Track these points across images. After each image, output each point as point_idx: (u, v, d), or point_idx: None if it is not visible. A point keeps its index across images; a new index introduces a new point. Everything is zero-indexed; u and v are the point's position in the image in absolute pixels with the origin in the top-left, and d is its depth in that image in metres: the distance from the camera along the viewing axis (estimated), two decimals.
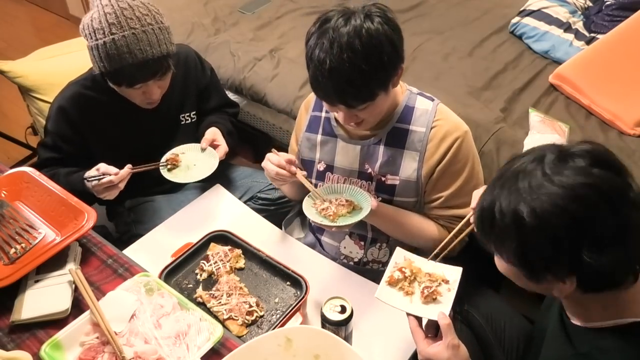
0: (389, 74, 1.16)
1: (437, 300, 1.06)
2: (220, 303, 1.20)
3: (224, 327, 1.11)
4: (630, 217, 0.78)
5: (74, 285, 1.12)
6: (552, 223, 0.77)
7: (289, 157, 1.30)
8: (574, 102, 1.96)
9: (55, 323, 1.07)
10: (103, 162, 1.43)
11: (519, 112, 1.90)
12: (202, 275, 1.28)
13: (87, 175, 1.42)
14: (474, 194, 1.07)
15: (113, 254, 1.23)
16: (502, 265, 0.91)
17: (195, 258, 1.32)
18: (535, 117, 1.83)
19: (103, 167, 1.40)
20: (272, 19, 2.40)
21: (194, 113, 1.67)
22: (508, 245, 0.84)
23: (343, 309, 1.10)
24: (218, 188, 1.61)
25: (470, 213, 1.07)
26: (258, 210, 1.57)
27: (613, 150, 1.90)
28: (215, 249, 1.32)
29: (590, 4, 2.37)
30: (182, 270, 1.29)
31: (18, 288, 1.12)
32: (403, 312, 1.05)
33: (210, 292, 1.23)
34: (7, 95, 2.86)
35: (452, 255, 1.20)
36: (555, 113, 1.90)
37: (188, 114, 1.65)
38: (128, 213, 1.68)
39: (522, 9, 2.32)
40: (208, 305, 1.21)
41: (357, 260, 1.46)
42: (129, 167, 1.42)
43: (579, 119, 1.89)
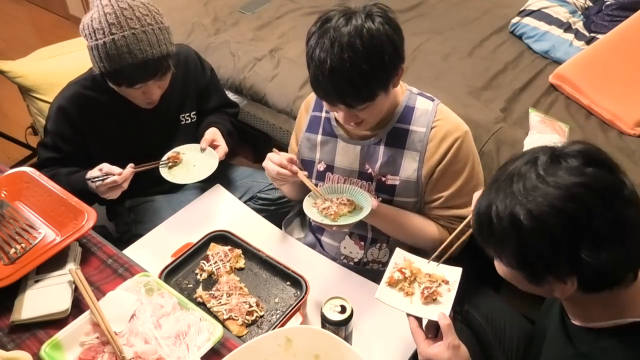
0: (390, 74, 1.16)
1: (437, 301, 1.06)
2: (220, 303, 1.20)
3: (224, 327, 1.11)
4: (626, 214, 0.78)
5: (74, 285, 1.12)
6: (549, 224, 0.77)
7: (290, 156, 1.30)
8: (574, 102, 1.96)
9: (55, 323, 1.07)
10: (103, 162, 1.43)
11: (519, 112, 1.90)
12: (202, 275, 1.28)
13: (90, 176, 1.42)
14: (475, 196, 1.07)
15: (113, 254, 1.23)
16: (502, 269, 0.91)
17: (195, 258, 1.32)
18: (535, 117, 1.83)
19: (106, 167, 1.40)
20: (272, 19, 2.40)
21: (194, 113, 1.67)
22: (507, 249, 0.84)
23: (343, 309, 1.10)
24: (218, 188, 1.61)
25: (471, 214, 1.07)
26: (258, 210, 1.57)
27: (613, 150, 1.91)
28: (215, 249, 1.32)
29: (590, 4, 2.37)
30: (182, 270, 1.29)
31: (18, 288, 1.12)
32: (403, 312, 1.05)
33: (210, 292, 1.23)
34: (7, 95, 2.86)
35: (452, 256, 1.20)
36: (555, 113, 1.90)
37: (188, 114, 1.65)
38: (128, 213, 1.68)
39: (522, 9, 2.32)
40: (208, 305, 1.21)
41: (357, 261, 1.46)
42: (132, 166, 1.42)
43: (579, 119, 1.89)
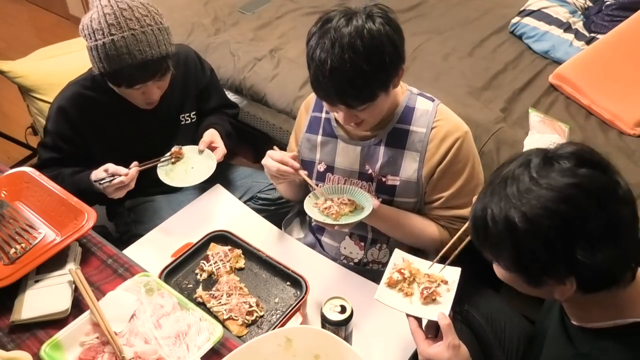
0: (390, 75, 1.16)
1: (436, 301, 1.06)
2: (220, 303, 1.20)
3: (224, 327, 1.11)
4: (620, 213, 0.78)
5: (74, 285, 1.12)
6: (543, 226, 0.78)
7: (293, 153, 1.30)
8: (574, 102, 1.96)
9: (55, 323, 1.07)
10: (103, 162, 1.43)
11: (519, 112, 1.90)
12: (202, 275, 1.28)
13: (96, 178, 1.42)
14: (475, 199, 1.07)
15: (113, 254, 1.23)
16: (501, 273, 0.91)
17: (195, 258, 1.32)
18: (535, 117, 1.83)
19: (112, 167, 1.40)
20: (272, 19, 2.40)
21: (194, 113, 1.67)
22: (503, 252, 0.84)
23: (343, 309, 1.10)
24: (218, 188, 1.61)
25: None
26: (258, 211, 1.57)
27: (613, 150, 1.90)
28: (215, 249, 1.32)
29: (590, 4, 2.37)
30: (182, 270, 1.29)
31: (18, 288, 1.12)
32: (403, 313, 1.05)
33: (210, 292, 1.23)
34: (7, 95, 2.86)
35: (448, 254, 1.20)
36: (555, 113, 1.90)
37: (188, 114, 1.65)
38: (128, 213, 1.68)
39: (522, 9, 2.32)
40: (208, 305, 1.21)
41: (357, 261, 1.46)
42: (136, 164, 1.42)
43: (579, 119, 1.89)
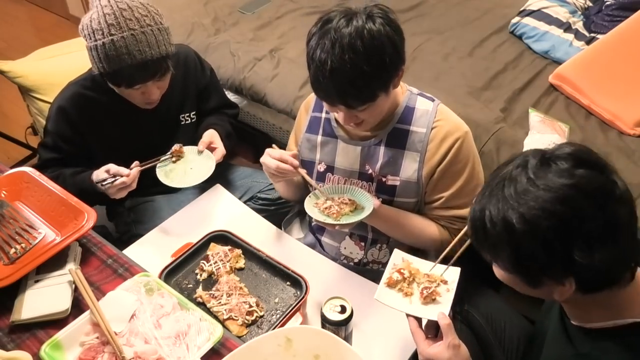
0: (390, 75, 1.16)
1: (436, 301, 1.06)
2: (220, 303, 1.20)
3: (224, 327, 1.11)
4: (618, 213, 0.78)
5: (74, 285, 1.12)
6: (541, 227, 0.77)
7: (293, 152, 1.30)
8: (574, 102, 1.96)
9: (55, 323, 1.07)
10: (104, 162, 1.43)
11: (519, 112, 1.90)
12: (202, 275, 1.28)
13: (98, 179, 1.42)
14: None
15: (113, 254, 1.23)
16: (500, 274, 0.91)
17: (195, 258, 1.32)
18: (535, 117, 1.83)
19: (113, 168, 1.40)
20: (272, 19, 2.41)
21: (194, 113, 1.67)
22: (502, 253, 0.84)
23: (343, 309, 1.10)
24: (218, 188, 1.61)
25: None
26: (258, 210, 1.57)
27: (613, 151, 1.90)
28: (215, 249, 1.32)
29: (590, 4, 2.37)
30: (182, 270, 1.29)
31: (18, 288, 1.12)
32: (403, 313, 1.05)
33: (210, 292, 1.23)
34: (7, 95, 2.86)
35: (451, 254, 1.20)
36: (555, 113, 1.90)
37: (188, 114, 1.65)
38: (128, 213, 1.68)
39: (522, 9, 2.32)
40: (208, 305, 1.21)
41: (357, 261, 1.46)
42: (137, 164, 1.42)
43: (579, 119, 1.89)
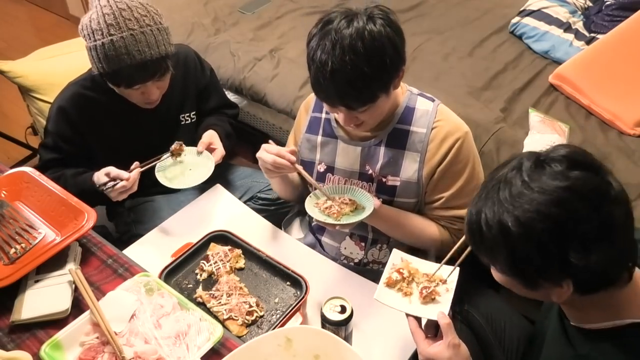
0: (391, 76, 1.16)
1: (435, 301, 1.06)
2: (220, 303, 1.20)
3: (224, 327, 1.11)
4: (613, 214, 0.78)
5: (74, 285, 1.12)
6: (536, 229, 0.77)
7: (292, 148, 1.29)
8: (574, 102, 1.96)
9: (55, 323, 1.07)
10: (104, 162, 1.43)
11: (519, 112, 1.91)
12: (202, 275, 1.28)
13: (98, 182, 1.42)
14: None
15: (113, 254, 1.23)
16: (498, 276, 0.91)
17: (195, 258, 1.32)
18: (535, 117, 1.83)
19: (113, 171, 1.40)
20: (272, 19, 2.41)
21: (194, 113, 1.67)
22: (499, 256, 0.84)
23: (343, 309, 1.10)
24: (218, 188, 1.61)
25: None
26: (258, 210, 1.57)
27: (613, 151, 1.90)
28: (215, 249, 1.32)
29: (590, 4, 2.37)
30: (182, 270, 1.29)
31: (18, 288, 1.12)
32: (402, 312, 1.05)
33: (210, 292, 1.23)
34: (7, 95, 2.86)
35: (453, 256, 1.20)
36: (555, 113, 1.90)
37: (188, 114, 1.65)
38: (128, 213, 1.68)
39: (522, 9, 2.33)
40: (208, 305, 1.21)
41: (357, 261, 1.46)
42: (137, 164, 1.42)
43: (579, 119, 1.89)
